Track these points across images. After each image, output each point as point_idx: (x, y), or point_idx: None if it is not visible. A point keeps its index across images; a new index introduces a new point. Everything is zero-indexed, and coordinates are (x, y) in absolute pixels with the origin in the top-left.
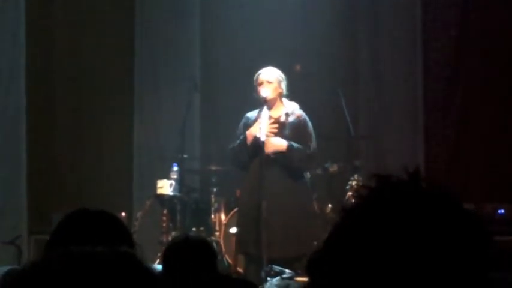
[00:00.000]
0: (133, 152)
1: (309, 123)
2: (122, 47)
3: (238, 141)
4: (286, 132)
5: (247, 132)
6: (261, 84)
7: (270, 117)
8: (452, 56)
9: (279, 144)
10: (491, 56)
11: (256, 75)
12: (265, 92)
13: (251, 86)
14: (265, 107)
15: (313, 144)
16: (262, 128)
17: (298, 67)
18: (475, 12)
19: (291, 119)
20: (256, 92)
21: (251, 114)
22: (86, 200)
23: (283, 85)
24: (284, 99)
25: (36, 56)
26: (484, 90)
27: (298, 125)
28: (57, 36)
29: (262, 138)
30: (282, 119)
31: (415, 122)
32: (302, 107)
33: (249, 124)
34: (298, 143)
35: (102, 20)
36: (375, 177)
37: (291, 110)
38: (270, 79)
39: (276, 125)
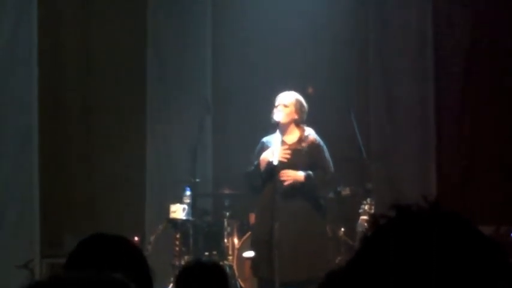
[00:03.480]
0: (145, 176)
1: (324, 148)
2: (133, 69)
3: (252, 167)
4: (301, 158)
5: (261, 158)
6: (277, 107)
7: (284, 143)
8: (465, 78)
9: (297, 175)
10: (504, 76)
11: (277, 97)
12: (278, 115)
13: (263, 108)
14: (277, 132)
15: (330, 168)
16: (275, 152)
17: (310, 90)
18: (485, 20)
19: (304, 145)
20: (273, 114)
21: (266, 139)
22: (98, 225)
23: (301, 112)
24: (301, 125)
25: (49, 81)
26: (497, 113)
27: (313, 150)
28: (68, 62)
29: (275, 163)
30: (296, 145)
31: (427, 144)
32: (314, 130)
33: (264, 149)
34: (314, 169)
35: (114, 42)
36: (393, 206)
37: (305, 135)
38: (287, 103)
39: (289, 151)
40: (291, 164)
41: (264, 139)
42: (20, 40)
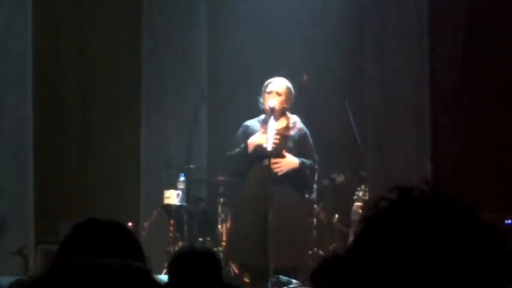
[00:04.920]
0: (140, 162)
1: (309, 137)
2: (129, 58)
3: (238, 150)
4: (289, 144)
5: (249, 141)
6: (270, 93)
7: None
8: (460, 66)
9: (292, 162)
10: (500, 64)
11: (267, 82)
12: (273, 102)
13: (258, 96)
14: (271, 118)
15: (315, 156)
16: (269, 138)
17: (305, 77)
18: (482, 18)
19: (292, 132)
20: (263, 100)
21: (251, 123)
22: (93, 210)
23: (291, 100)
24: (286, 112)
25: (43, 66)
26: (493, 100)
27: (300, 138)
28: (64, 48)
29: (269, 149)
30: (284, 131)
31: (422, 132)
32: (309, 117)
33: (248, 133)
34: (301, 156)
35: (110, 31)
36: (395, 189)
37: (292, 122)
38: (280, 91)
39: (278, 136)
40: (281, 149)
41: (248, 123)
42: (14, 35)
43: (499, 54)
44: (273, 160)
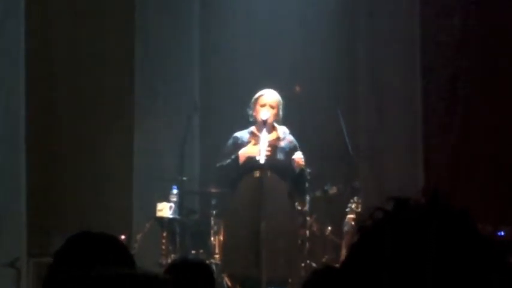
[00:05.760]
0: (133, 174)
1: (299, 149)
2: (122, 66)
3: (229, 161)
4: (280, 156)
5: (240, 153)
6: (263, 106)
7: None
8: (453, 73)
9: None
10: (493, 71)
11: (258, 95)
12: (266, 114)
13: (247, 107)
14: (264, 130)
15: (307, 169)
16: (262, 150)
17: (298, 88)
18: (474, 24)
19: (282, 143)
20: (255, 112)
21: (240, 135)
22: (85, 223)
23: (282, 112)
24: (275, 123)
25: (36, 78)
26: (485, 109)
27: (290, 150)
28: (56, 58)
29: (262, 161)
30: (275, 142)
31: (414, 143)
32: (301, 128)
33: (238, 144)
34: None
35: (102, 40)
36: (391, 200)
37: (282, 134)
38: (273, 104)
39: (270, 148)
40: (274, 161)
41: (237, 134)
42: (5, 36)
43: (493, 61)
44: (295, 155)
